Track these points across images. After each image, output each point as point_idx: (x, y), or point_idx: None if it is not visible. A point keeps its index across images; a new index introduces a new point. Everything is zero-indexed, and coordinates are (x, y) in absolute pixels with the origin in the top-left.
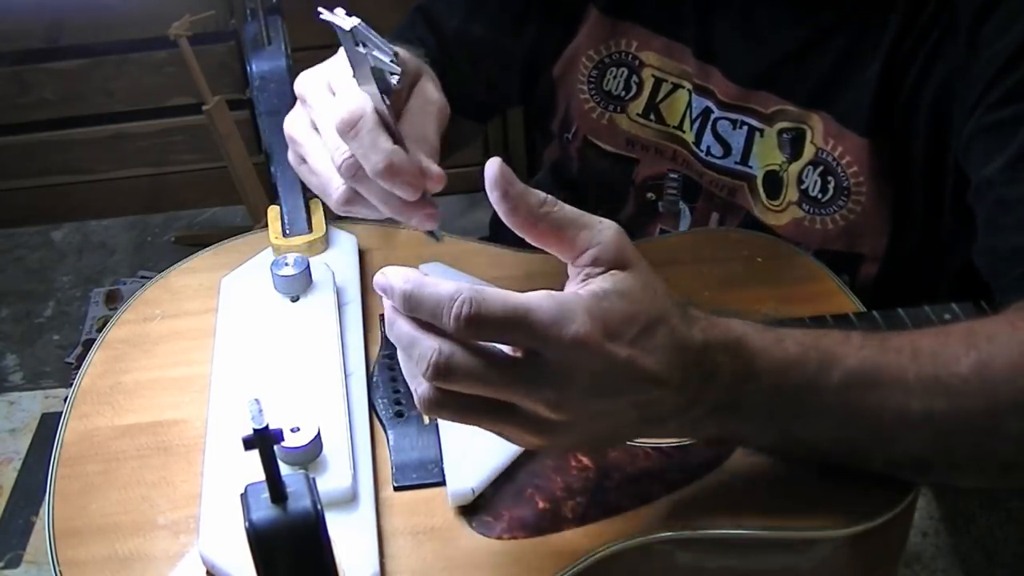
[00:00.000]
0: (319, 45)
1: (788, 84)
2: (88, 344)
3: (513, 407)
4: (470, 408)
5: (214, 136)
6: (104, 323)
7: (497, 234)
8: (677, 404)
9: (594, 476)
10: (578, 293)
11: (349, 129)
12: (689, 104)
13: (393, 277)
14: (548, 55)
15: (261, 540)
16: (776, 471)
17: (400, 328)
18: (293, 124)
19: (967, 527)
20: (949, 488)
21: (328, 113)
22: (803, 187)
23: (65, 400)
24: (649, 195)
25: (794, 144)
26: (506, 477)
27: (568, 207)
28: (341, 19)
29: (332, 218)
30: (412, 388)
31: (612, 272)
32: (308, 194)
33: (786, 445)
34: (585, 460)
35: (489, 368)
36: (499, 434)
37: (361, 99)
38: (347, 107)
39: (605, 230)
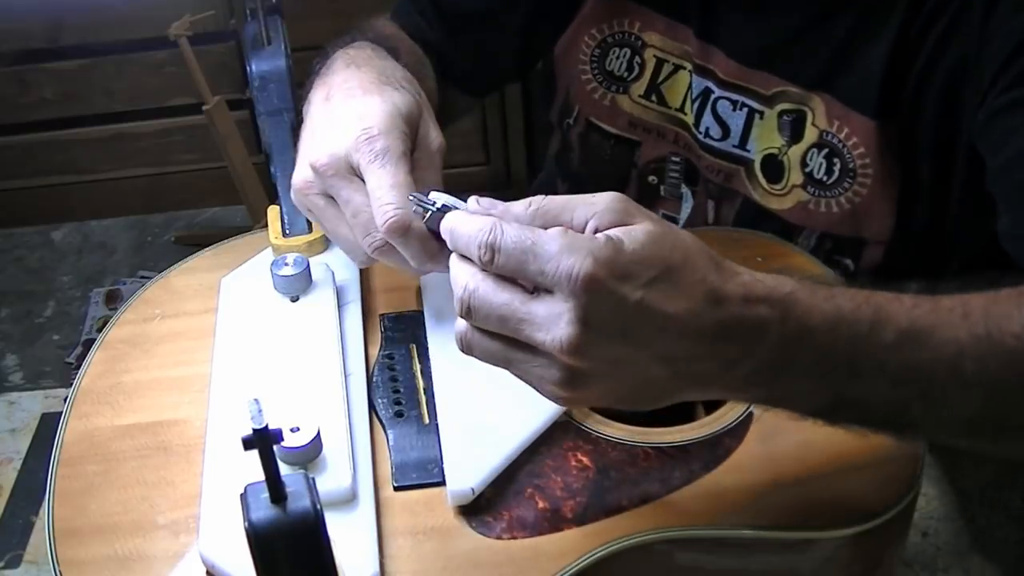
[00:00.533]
0: (319, 45)
1: (790, 64)
2: (88, 344)
3: (534, 350)
4: (496, 349)
5: (214, 136)
6: (104, 323)
7: None
8: (718, 361)
9: (594, 476)
10: (599, 230)
11: (398, 235)
12: (689, 85)
13: (450, 215)
14: (547, 32)
15: (261, 540)
16: (776, 471)
17: (451, 267)
18: (310, 200)
19: (967, 527)
20: (992, 458)
21: (370, 212)
22: (807, 170)
23: (65, 400)
24: (651, 178)
25: (794, 127)
26: (506, 477)
27: (557, 196)
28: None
29: None
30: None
31: (620, 227)
32: None
33: (836, 408)
34: (585, 460)
35: (509, 303)
36: (528, 382)
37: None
38: (393, 213)
39: (600, 199)
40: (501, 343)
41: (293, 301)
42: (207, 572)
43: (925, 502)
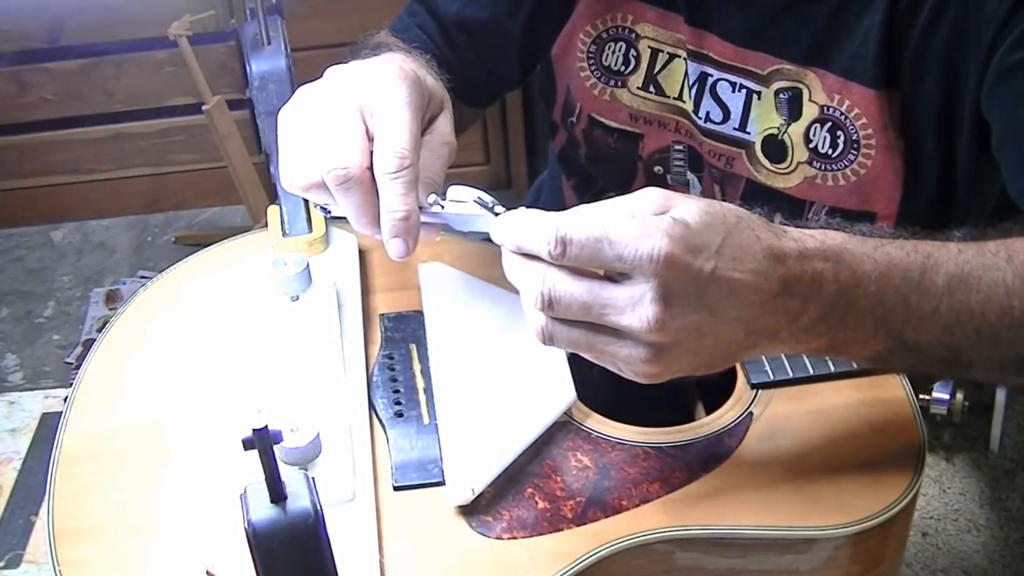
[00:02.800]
0: (319, 45)
1: (783, 41)
2: (88, 344)
3: (618, 332)
4: (579, 336)
5: (214, 136)
6: (104, 323)
7: None
8: (783, 315)
9: (594, 476)
10: (656, 215)
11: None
12: (686, 73)
13: (503, 220)
14: (546, 35)
15: (261, 540)
16: (776, 471)
17: (513, 267)
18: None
19: (967, 527)
20: None
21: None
22: (812, 145)
23: (65, 400)
24: (657, 169)
25: (791, 105)
26: (506, 477)
27: (594, 203)
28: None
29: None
30: (529, 324)
31: (670, 209)
32: None
33: (893, 353)
34: (585, 460)
35: (588, 292)
36: (613, 366)
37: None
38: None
39: (638, 195)
40: (584, 330)
41: (293, 301)
42: (207, 572)
43: (925, 502)
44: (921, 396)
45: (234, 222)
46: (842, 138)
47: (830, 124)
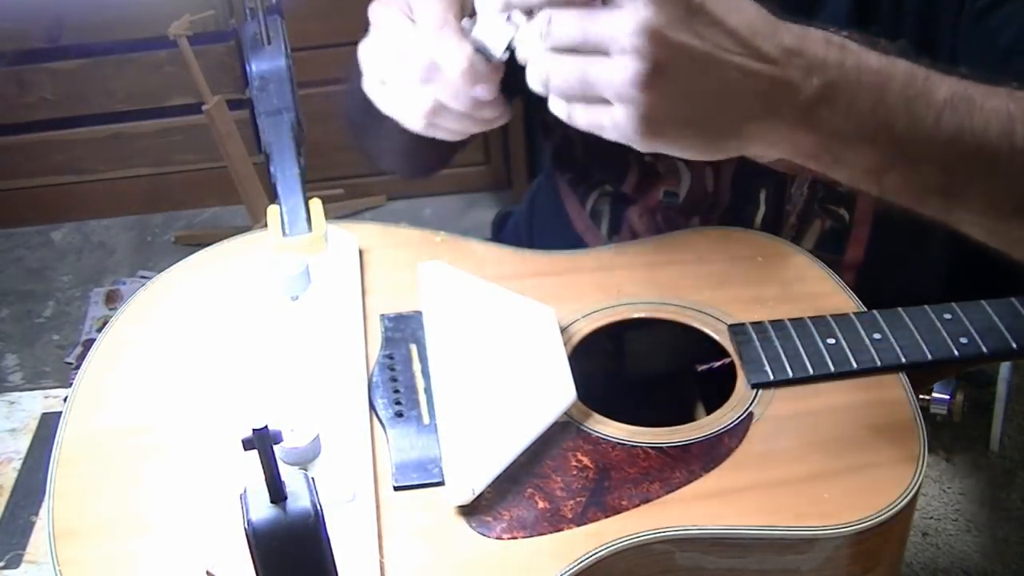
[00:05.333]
0: (319, 45)
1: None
2: (88, 344)
3: (611, 55)
4: (570, 63)
5: (214, 136)
6: (104, 323)
7: (497, 234)
8: (783, 84)
9: (594, 476)
10: None
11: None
12: None
13: None
14: None
15: (260, 540)
16: (776, 471)
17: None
18: (372, 48)
19: (967, 527)
20: None
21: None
22: None
23: (65, 400)
24: (647, 158)
25: None
26: (506, 477)
27: None
28: None
29: (332, 218)
30: (529, 73)
31: None
32: (307, 194)
33: (890, 167)
34: (585, 460)
35: (583, 6)
36: (606, 93)
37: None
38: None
39: None
40: (577, 57)
41: (293, 301)
42: (207, 572)
43: (925, 502)
44: (921, 396)
45: (234, 222)
46: None
47: None
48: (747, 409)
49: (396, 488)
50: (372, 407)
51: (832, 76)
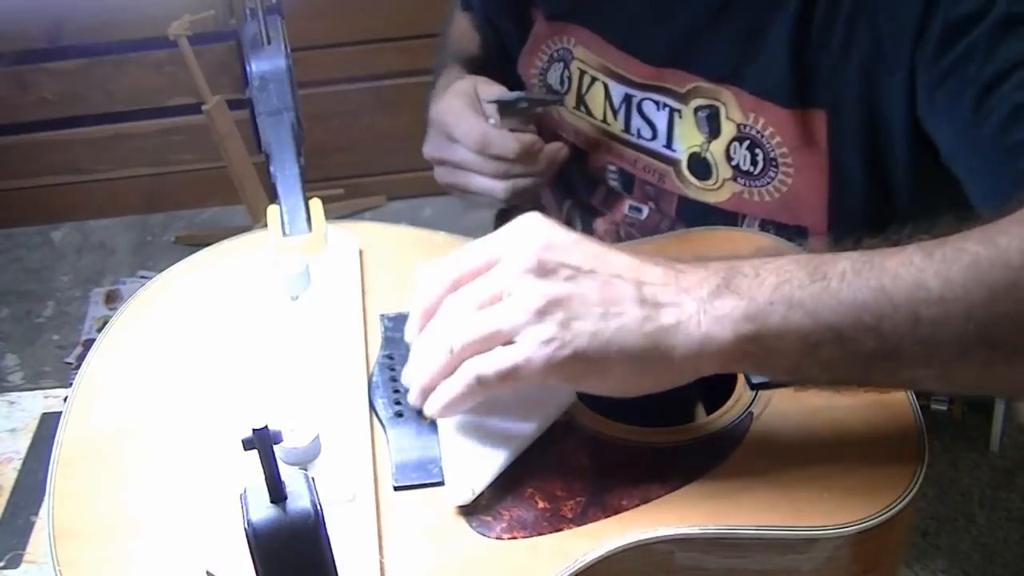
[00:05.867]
0: (319, 45)
1: (698, 59)
2: (88, 344)
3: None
4: (496, 359)
5: (214, 136)
6: (104, 323)
7: None
8: (675, 284)
9: (594, 476)
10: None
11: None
12: (608, 95)
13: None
14: (514, 54)
15: (260, 540)
16: (776, 471)
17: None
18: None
19: (967, 527)
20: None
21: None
22: (734, 163)
23: (65, 400)
24: (612, 180)
25: (710, 121)
26: (506, 477)
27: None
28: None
29: (332, 218)
30: (445, 396)
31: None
32: (307, 194)
33: (817, 346)
34: (585, 460)
35: (480, 315)
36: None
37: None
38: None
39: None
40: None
41: (293, 301)
42: (207, 572)
43: (925, 502)
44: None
45: (234, 222)
46: (761, 156)
47: (748, 142)
48: (747, 409)
49: (396, 488)
50: (372, 407)
51: (722, 266)
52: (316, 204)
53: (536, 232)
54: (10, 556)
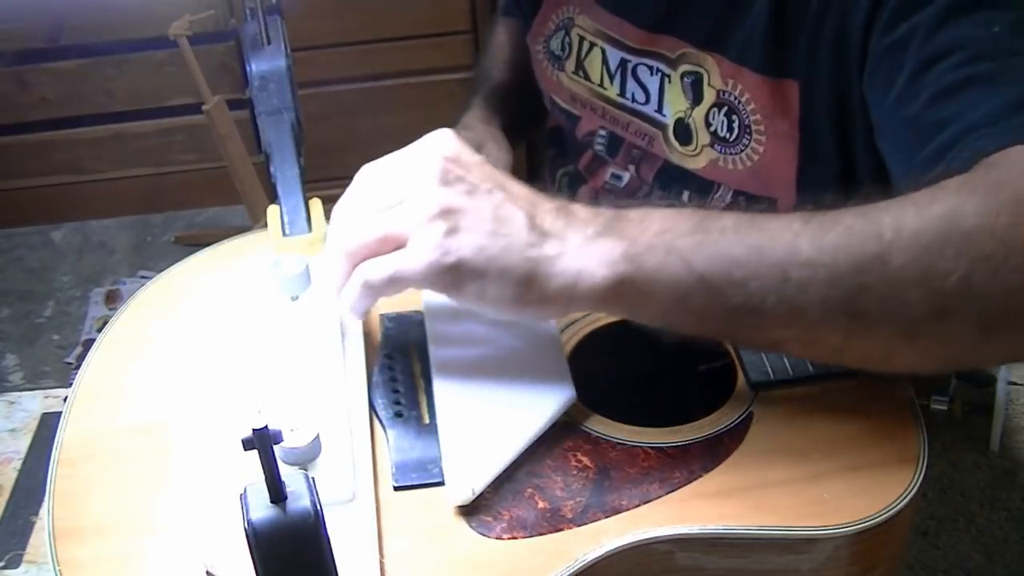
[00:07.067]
0: (319, 45)
1: (687, 25)
2: (88, 344)
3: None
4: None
5: (214, 136)
6: (104, 323)
7: None
8: (564, 217)
9: (594, 476)
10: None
11: None
12: (605, 60)
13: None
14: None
15: (260, 540)
16: (776, 471)
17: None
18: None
19: (967, 527)
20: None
21: None
22: (712, 129)
23: (65, 400)
24: (588, 151)
25: (694, 88)
26: (506, 477)
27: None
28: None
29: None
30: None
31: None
32: (307, 194)
33: (690, 295)
34: (585, 460)
35: (374, 217)
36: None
37: None
38: None
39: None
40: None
41: (293, 301)
42: (207, 572)
43: (925, 502)
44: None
45: (234, 222)
46: (736, 122)
47: (726, 108)
48: (747, 409)
49: (396, 488)
50: (372, 407)
51: (609, 212)
52: (316, 204)
53: (444, 145)
54: (10, 556)
